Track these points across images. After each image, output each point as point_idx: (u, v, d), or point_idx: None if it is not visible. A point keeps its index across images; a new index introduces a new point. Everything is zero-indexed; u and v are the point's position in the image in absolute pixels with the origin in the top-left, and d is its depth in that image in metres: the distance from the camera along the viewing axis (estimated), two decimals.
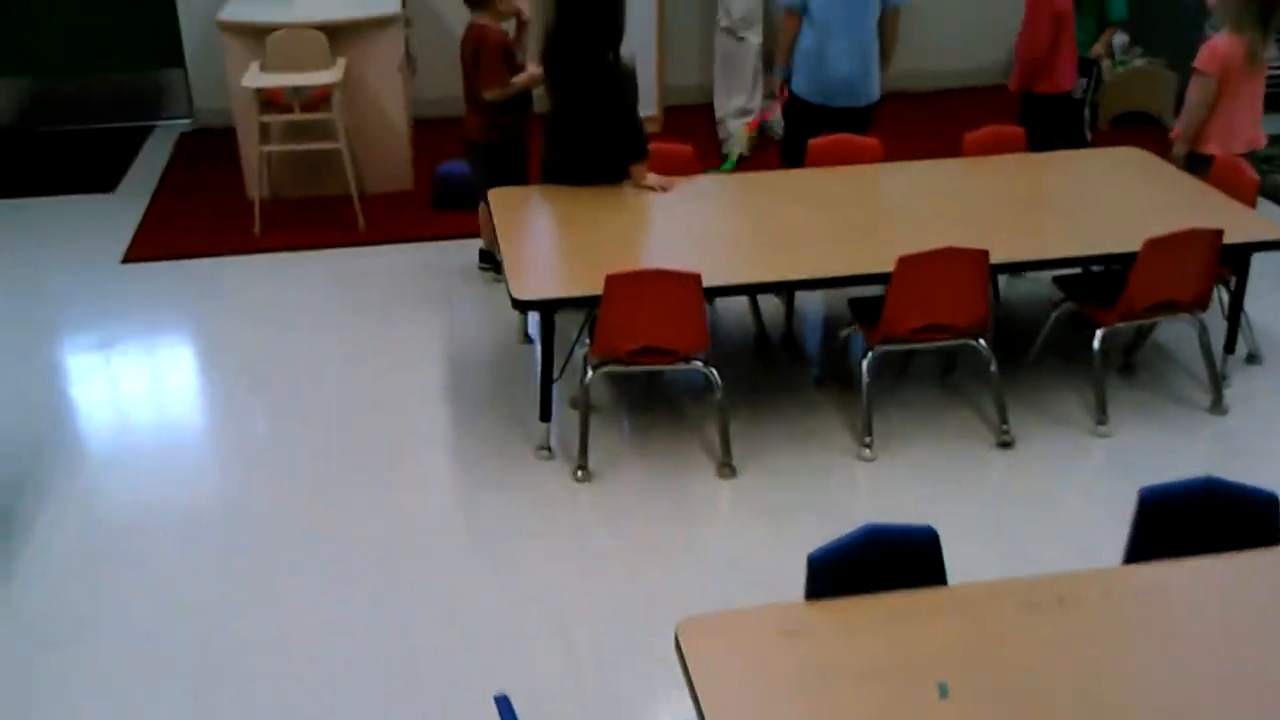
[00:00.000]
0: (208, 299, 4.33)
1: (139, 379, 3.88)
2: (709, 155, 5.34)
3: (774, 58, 4.55)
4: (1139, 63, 5.83)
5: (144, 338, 4.09)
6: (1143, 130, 5.67)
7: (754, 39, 5.39)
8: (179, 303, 4.32)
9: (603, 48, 3.51)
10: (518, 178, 4.04)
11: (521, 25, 4.07)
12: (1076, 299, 3.48)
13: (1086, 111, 5.12)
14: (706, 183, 3.79)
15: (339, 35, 4.69)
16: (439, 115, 5.63)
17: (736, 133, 5.37)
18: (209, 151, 5.49)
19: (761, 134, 5.59)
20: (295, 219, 4.82)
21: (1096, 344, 3.35)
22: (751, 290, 3.46)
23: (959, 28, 6.25)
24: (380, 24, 4.81)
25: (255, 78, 4.54)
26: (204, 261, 4.54)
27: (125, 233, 4.73)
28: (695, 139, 5.48)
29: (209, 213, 4.90)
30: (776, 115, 5.58)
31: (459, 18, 5.58)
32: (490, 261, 4.32)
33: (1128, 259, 3.22)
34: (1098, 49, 4.94)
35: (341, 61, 4.67)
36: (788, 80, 4.30)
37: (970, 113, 6.01)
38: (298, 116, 4.62)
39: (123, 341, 4.04)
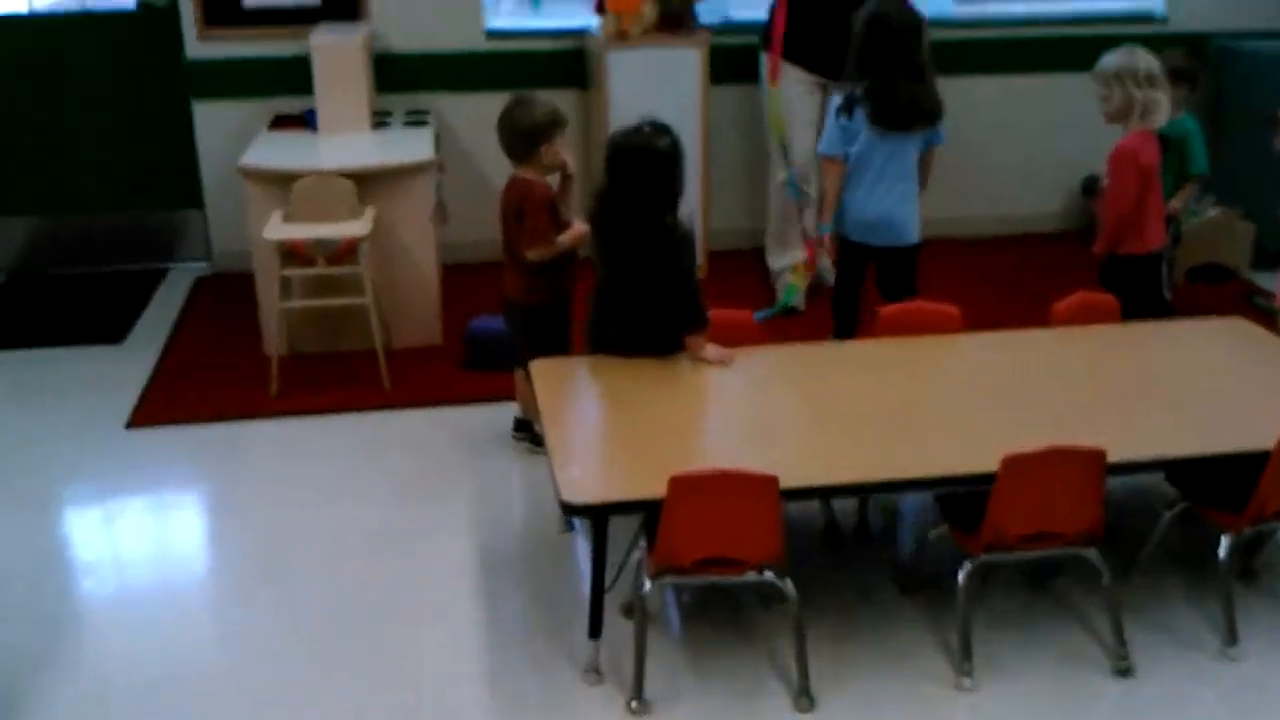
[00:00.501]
0: (218, 471, 3.96)
1: (142, 562, 3.51)
2: (760, 307, 5.02)
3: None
4: (1213, 213, 5.49)
5: (148, 515, 3.74)
6: (1220, 284, 5.34)
7: (814, 192, 5.07)
8: (187, 476, 3.95)
9: (659, 210, 3.18)
10: (560, 344, 3.70)
11: (567, 179, 3.75)
12: (1196, 500, 3.07)
13: (1164, 268, 4.79)
14: (769, 356, 3.42)
15: (368, 183, 4.40)
16: (469, 260, 5.35)
17: (790, 284, 5.04)
18: (226, 300, 5.17)
19: (819, 280, 5.26)
20: (315, 377, 4.47)
21: (1223, 554, 2.93)
22: (834, 493, 3.07)
23: (1012, 171, 5.96)
24: (412, 171, 4.51)
25: (277, 229, 4.22)
26: (215, 427, 4.17)
27: (132, 391, 4.38)
28: (743, 289, 5.24)
29: (222, 370, 4.55)
30: (826, 264, 5.28)
31: (492, 160, 5.38)
32: (526, 430, 3.95)
33: (1258, 457, 2.83)
34: (1175, 204, 4.63)
35: (370, 211, 4.36)
36: (833, 230, 4.15)
37: (1033, 263, 5.72)
38: (322, 270, 4.30)
39: (125, 518, 3.68)
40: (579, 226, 3.65)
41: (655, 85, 5.08)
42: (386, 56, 5.30)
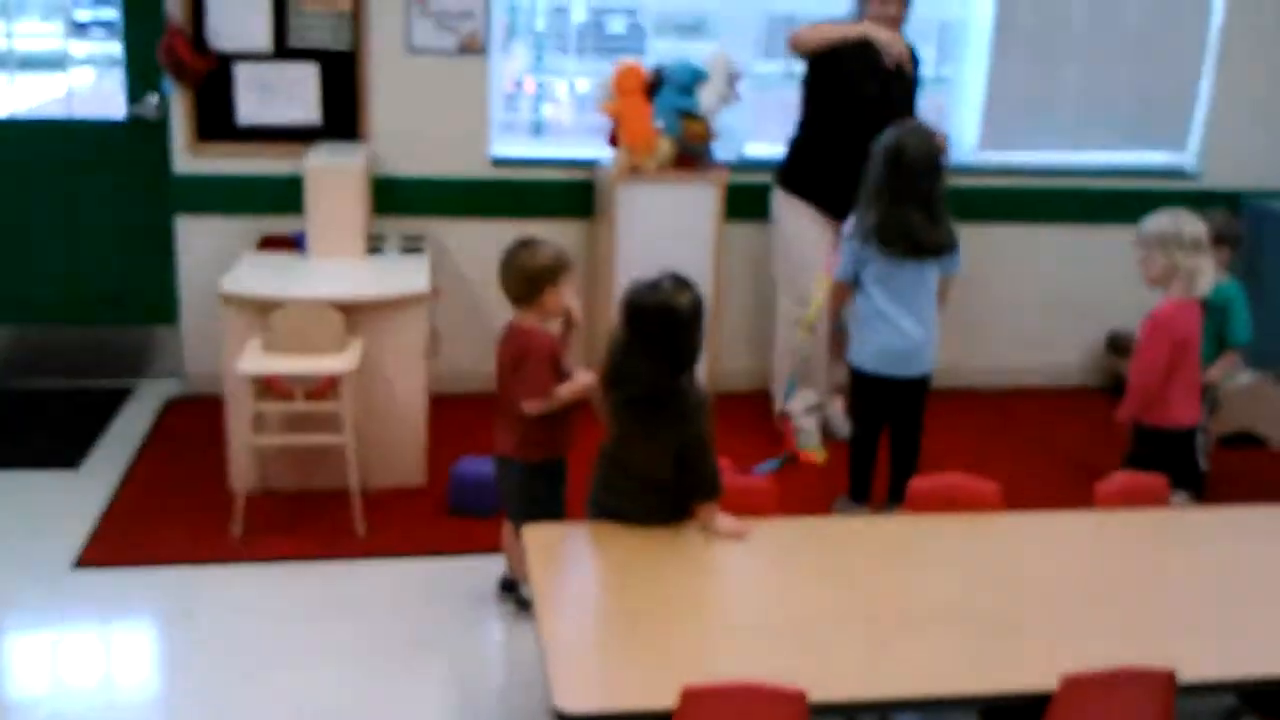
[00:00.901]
0: (168, 624, 3.59)
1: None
2: (769, 454, 4.72)
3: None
4: (1244, 378, 5.22)
5: (83, 671, 3.32)
6: (1254, 452, 5.05)
7: (823, 330, 4.80)
8: (133, 627, 3.58)
9: (675, 371, 2.88)
10: (555, 504, 3.38)
11: (570, 326, 3.45)
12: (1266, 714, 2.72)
13: (1200, 437, 4.50)
14: (787, 531, 3.08)
15: (357, 314, 4.10)
16: (459, 391, 5.07)
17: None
18: (195, 424, 4.82)
19: (825, 431, 4.96)
20: (284, 519, 4.11)
21: None
22: (868, 708, 2.70)
23: (1033, 323, 5.70)
24: (406, 304, 4.22)
25: (254, 361, 3.90)
26: (171, 571, 3.79)
27: (84, 525, 4.01)
28: (749, 434, 4.93)
29: (185, 505, 4.18)
30: (836, 411, 5.00)
31: (489, 289, 5.05)
32: (513, 591, 3.59)
33: None
34: (1214, 374, 4.36)
35: (357, 344, 4.05)
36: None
37: (1057, 421, 5.43)
38: (300, 407, 3.97)
39: (57, 672, 3.27)
40: (581, 378, 3.35)
41: (667, 221, 4.86)
42: (386, 179, 5.05)
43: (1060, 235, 5.66)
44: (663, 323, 2.86)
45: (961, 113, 5.54)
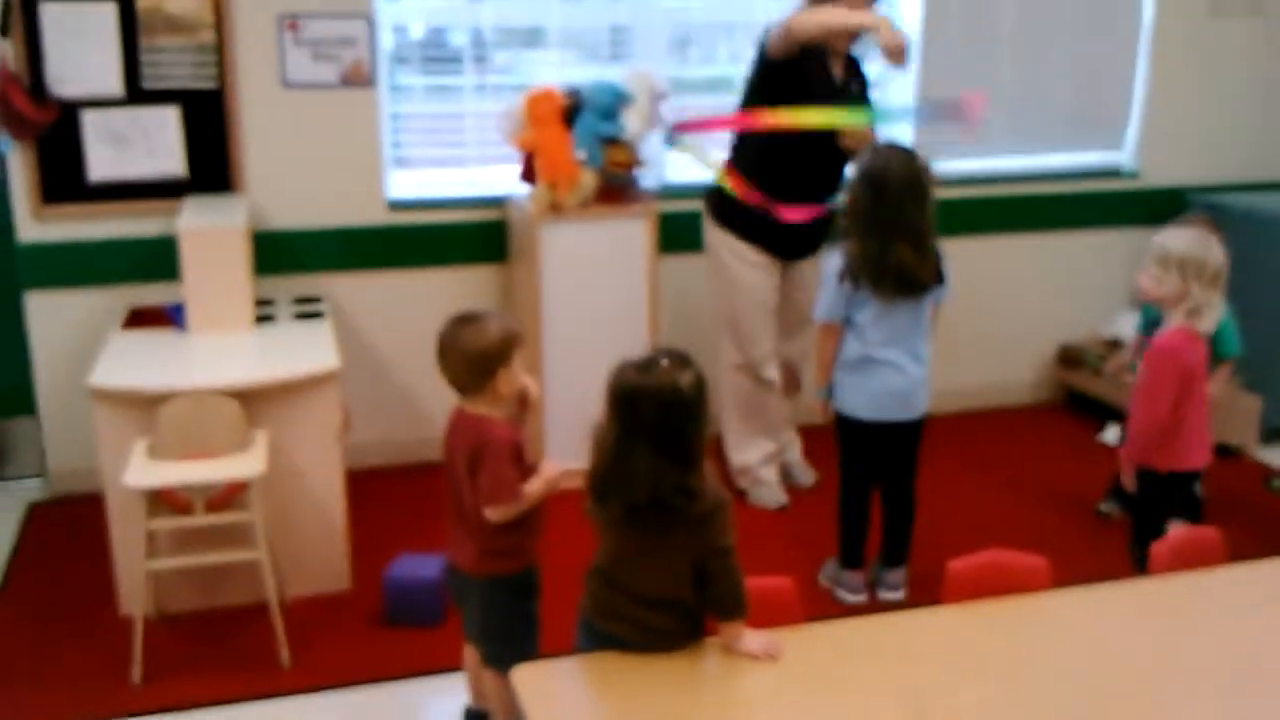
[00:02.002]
0: None
1: None
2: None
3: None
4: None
5: None
6: (1234, 465, 4.78)
7: (775, 375, 4.35)
8: None
9: (682, 470, 2.36)
10: (529, 624, 2.85)
11: (526, 408, 2.92)
12: None
13: None
14: (821, 639, 2.59)
15: (258, 400, 3.49)
16: (373, 465, 4.51)
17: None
18: (69, 533, 4.14)
19: (785, 478, 4.51)
20: (191, 650, 3.48)
21: None
22: None
23: (978, 338, 5.34)
24: (314, 383, 3.61)
25: (142, 471, 3.26)
26: None
27: None
28: None
29: (67, 642, 3.51)
30: (795, 458, 4.56)
31: (395, 349, 4.60)
32: None
33: None
34: (1213, 390, 4.02)
35: (261, 438, 3.44)
36: (829, 397, 3.60)
37: (1019, 442, 5.09)
38: (201, 520, 3.34)
39: None
40: (548, 468, 2.83)
41: (596, 260, 4.36)
42: (268, 234, 4.42)
43: (1000, 245, 5.32)
44: (664, 411, 2.35)
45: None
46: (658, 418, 2.33)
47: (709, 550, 2.37)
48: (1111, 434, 5.07)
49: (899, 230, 3.38)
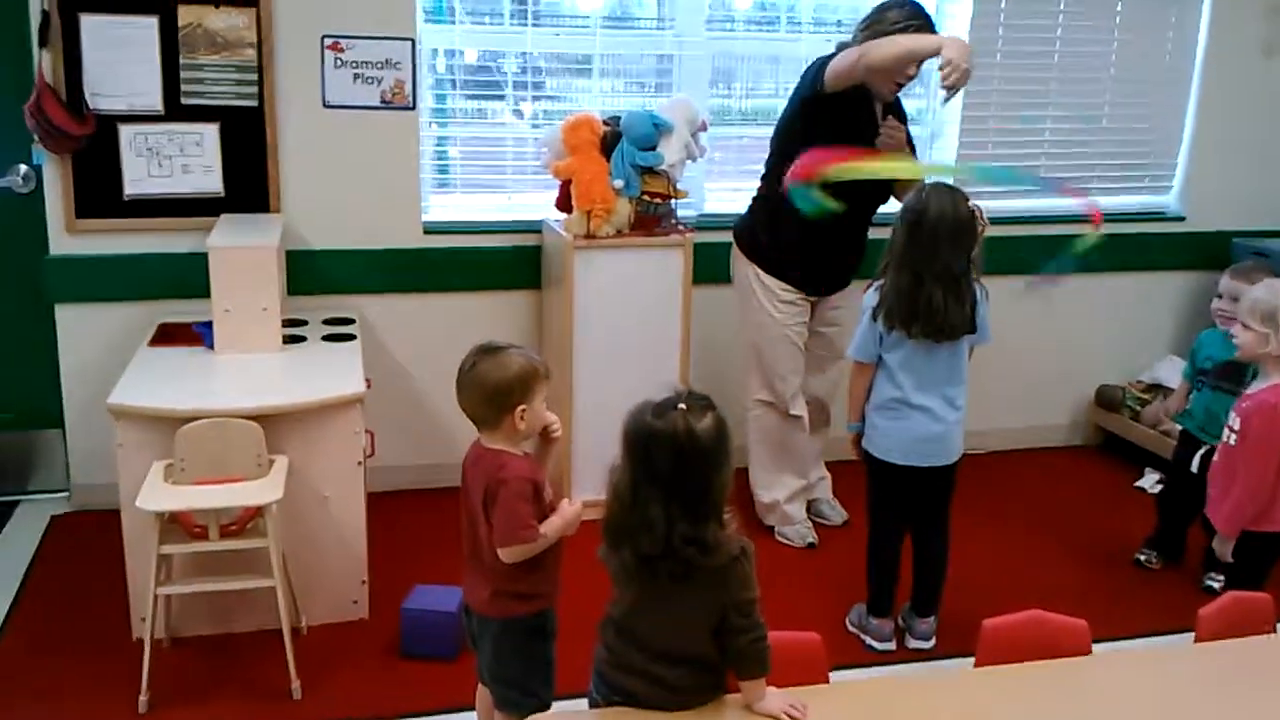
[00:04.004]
0: None
1: None
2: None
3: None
4: None
5: None
6: None
7: (803, 411, 4.27)
8: None
9: (701, 516, 2.28)
10: (544, 669, 2.78)
11: (549, 443, 2.85)
12: None
13: None
14: (846, 700, 2.50)
15: (280, 424, 3.45)
16: (396, 488, 4.48)
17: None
18: (87, 549, 4.12)
19: (815, 516, 4.43)
20: (201, 677, 3.42)
21: None
22: None
23: (1016, 380, 5.22)
24: (339, 406, 3.57)
25: (157, 494, 3.22)
26: None
27: None
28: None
29: (77, 660, 3.47)
30: (825, 494, 4.47)
31: (425, 372, 4.55)
32: None
33: None
34: None
35: (281, 463, 3.40)
36: (860, 435, 3.51)
37: (1058, 486, 4.98)
38: (216, 545, 3.29)
39: None
40: (567, 509, 2.75)
41: (630, 290, 4.30)
42: (303, 253, 4.40)
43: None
44: (678, 458, 2.26)
45: (931, 157, 5.06)
46: (672, 465, 2.25)
47: (729, 604, 2.28)
48: (1148, 480, 4.95)
49: (932, 271, 3.30)
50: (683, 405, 2.27)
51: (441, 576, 3.74)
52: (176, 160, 4.27)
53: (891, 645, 3.61)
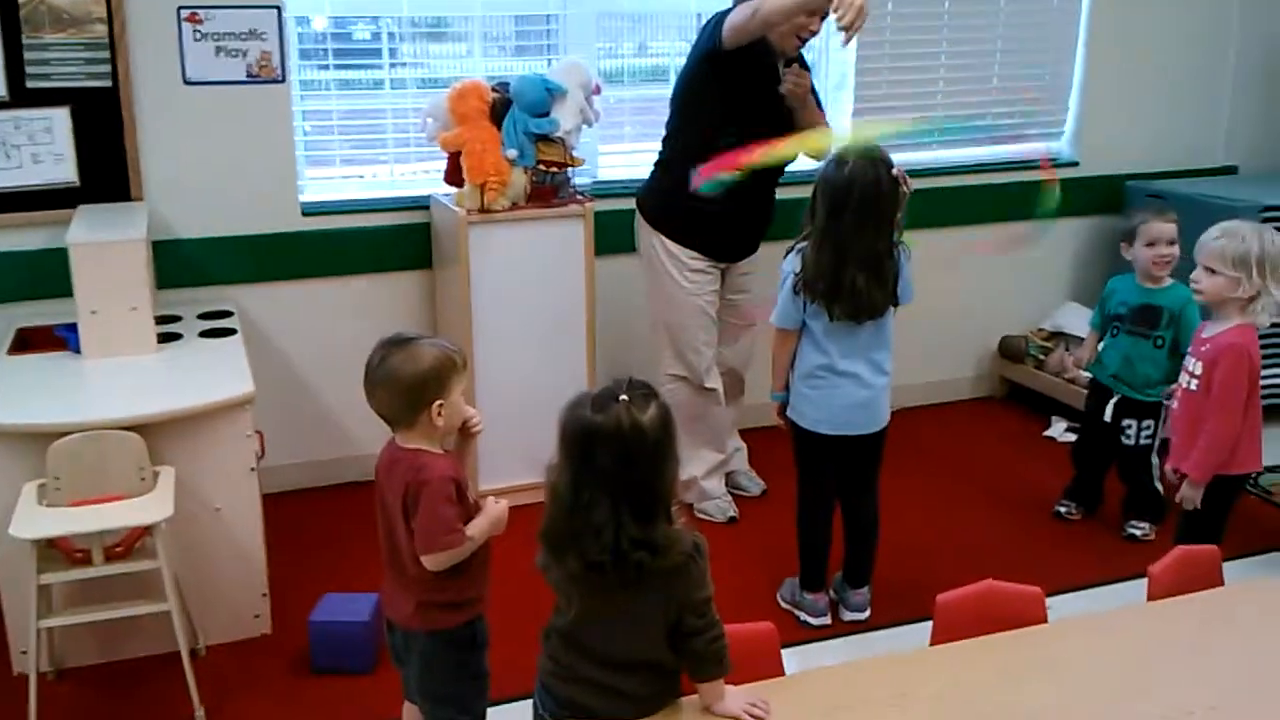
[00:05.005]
0: None
1: None
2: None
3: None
4: None
5: None
6: None
7: (717, 384, 4.12)
8: None
9: (648, 515, 2.10)
10: (477, 683, 2.59)
11: (469, 438, 2.65)
12: None
13: (1155, 459, 4.06)
14: (807, 690, 2.36)
15: (164, 433, 3.17)
16: (286, 488, 4.22)
17: None
18: None
19: (732, 488, 4.31)
20: (95, 710, 3.15)
21: None
22: None
23: (917, 333, 5.15)
24: (227, 411, 3.29)
25: (33, 519, 2.91)
26: None
27: None
28: None
29: None
30: (742, 465, 4.35)
31: (308, 364, 4.28)
32: None
33: None
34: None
35: (167, 475, 3.12)
36: (785, 405, 3.44)
37: (976, 438, 4.94)
38: (100, 571, 3.01)
39: None
40: (493, 507, 2.56)
41: (529, 265, 4.09)
42: (170, 243, 4.08)
43: (937, 238, 5.10)
44: (624, 455, 2.07)
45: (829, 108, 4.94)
46: (617, 463, 2.06)
47: (684, 605, 2.11)
48: (1057, 429, 4.94)
49: (854, 252, 3.15)
50: (624, 397, 2.08)
51: (348, 582, 3.52)
52: (25, 149, 3.91)
53: (827, 619, 3.50)
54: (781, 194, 4.06)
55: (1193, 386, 3.28)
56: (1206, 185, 5.12)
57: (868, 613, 3.52)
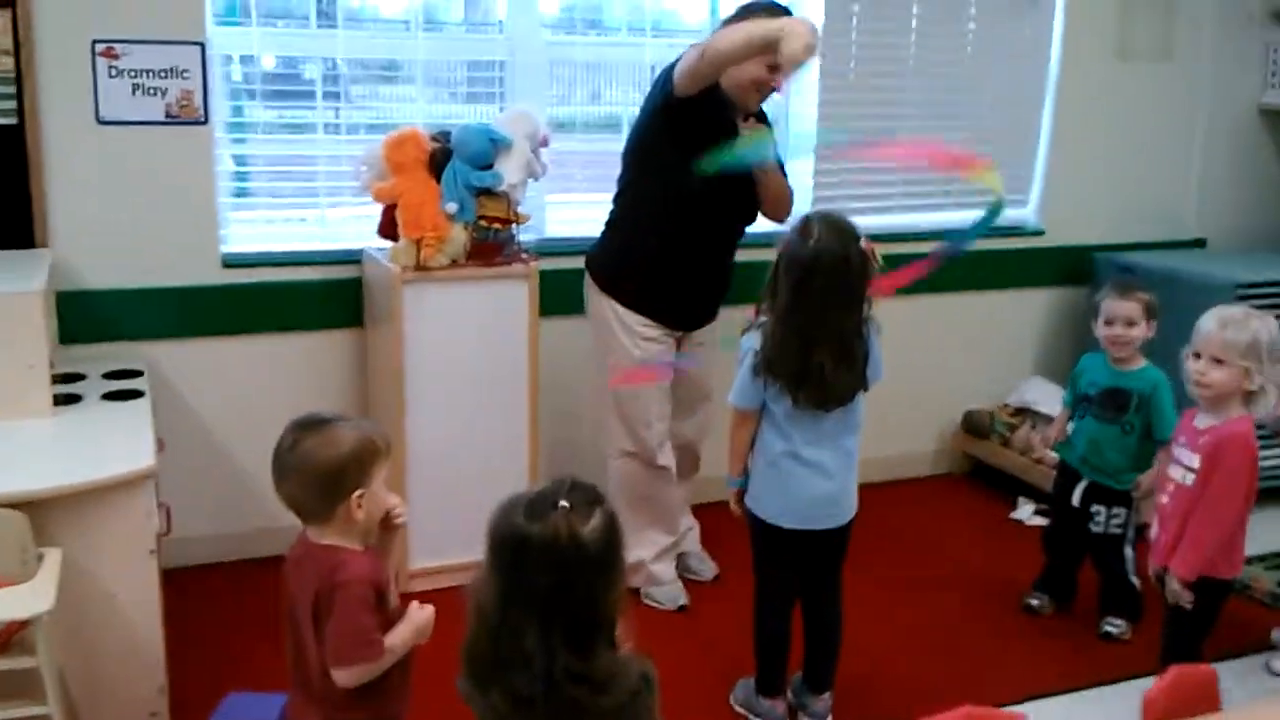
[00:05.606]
0: None
1: None
2: None
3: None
4: None
5: None
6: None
7: (670, 461, 3.84)
8: None
9: (586, 642, 1.78)
10: None
11: (391, 532, 2.34)
12: None
13: (1128, 550, 3.84)
14: None
15: (52, 510, 2.81)
16: (192, 563, 3.87)
17: None
18: None
19: (683, 571, 4.02)
20: None
21: None
22: None
23: (878, 406, 4.91)
24: (124, 486, 2.94)
25: None
26: None
27: None
28: None
29: None
30: (694, 547, 4.07)
31: (223, 425, 3.97)
32: None
33: None
34: (1151, 480, 3.68)
35: (52, 559, 2.77)
36: (743, 492, 3.14)
37: (939, 518, 4.70)
38: None
39: None
40: (417, 613, 2.25)
41: (468, 327, 3.81)
42: (76, 294, 3.74)
43: (899, 307, 4.88)
44: (560, 573, 1.76)
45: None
46: (552, 582, 1.75)
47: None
48: (1024, 511, 4.71)
49: (821, 334, 2.89)
50: (564, 502, 1.79)
51: (258, 676, 3.16)
52: None
53: None
54: (740, 255, 3.82)
55: (1188, 481, 3.05)
56: (1178, 259, 4.95)
57: None
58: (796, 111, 4.67)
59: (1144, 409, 3.65)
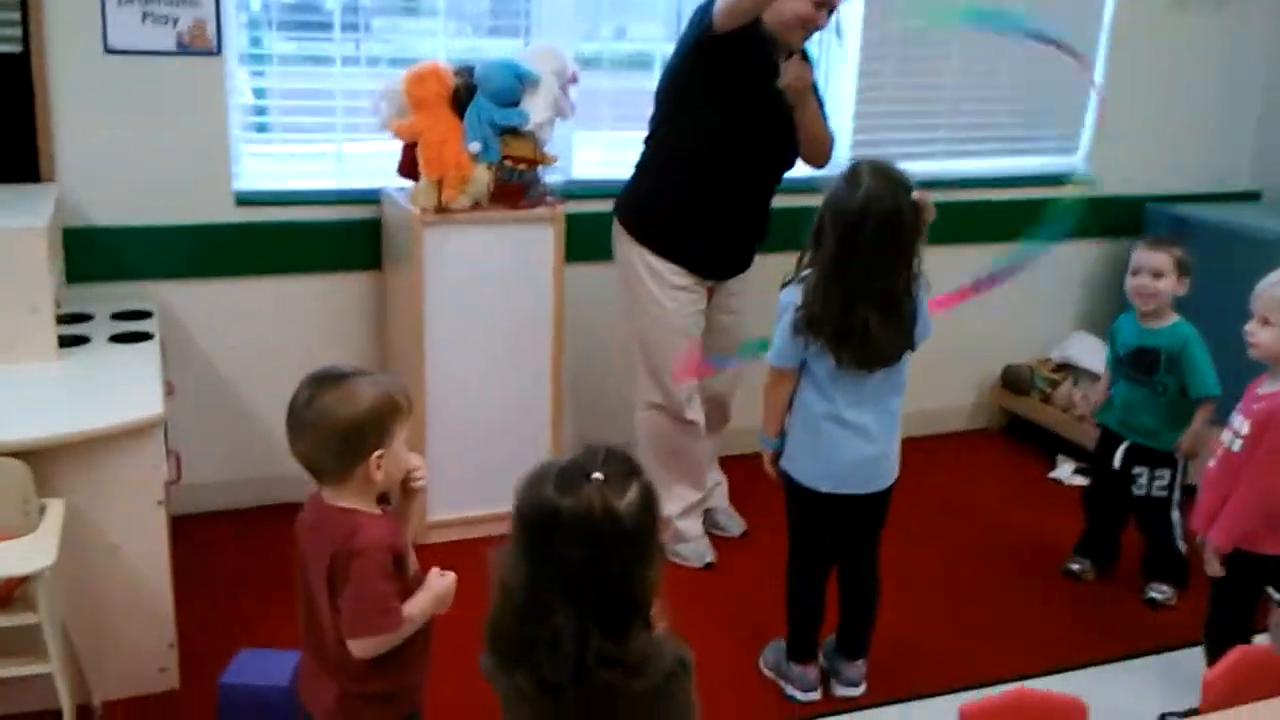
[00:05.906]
0: None
1: None
2: None
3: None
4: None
5: None
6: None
7: (699, 416, 3.69)
8: None
9: (621, 624, 1.65)
10: None
11: (411, 496, 2.20)
12: None
13: (1176, 514, 3.67)
14: None
15: (54, 460, 2.69)
16: (204, 509, 3.79)
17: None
18: None
19: (710, 527, 3.89)
20: None
21: None
22: None
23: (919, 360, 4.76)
24: (131, 434, 2.81)
25: None
26: None
27: None
28: None
29: None
30: (721, 502, 3.94)
31: (237, 369, 3.84)
32: None
33: None
34: (1189, 443, 3.51)
35: (56, 510, 2.65)
36: (778, 454, 2.96)
37: (976, 477, 4.55)
38: None
39: None
40: (437, 581, 2.12)
41: (491, 271, 3.65)
42: (83, 231, 3.59)
43: (939, 257, 4.71)
44: (593, 550, 1.61)
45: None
46: (584, 558, 1.61)
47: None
48: (1064, 470, 4.55)
49: (867, 291, 2.71)
50: (598, 474, 1.64)
51: (271, 631, 3.08)
52: None
53: (816, 695, 3.07)
54: (777, 201, 3.64)
55: (1236, 447, 2.87)
56: (1232, 211, 4.74)
57: (863, 688, 3.09)
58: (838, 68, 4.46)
59: (1175, 368, 3.48)
